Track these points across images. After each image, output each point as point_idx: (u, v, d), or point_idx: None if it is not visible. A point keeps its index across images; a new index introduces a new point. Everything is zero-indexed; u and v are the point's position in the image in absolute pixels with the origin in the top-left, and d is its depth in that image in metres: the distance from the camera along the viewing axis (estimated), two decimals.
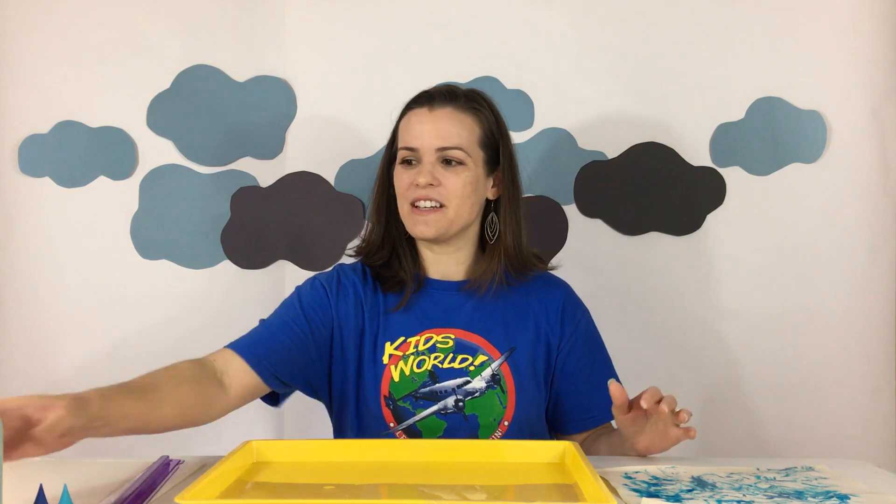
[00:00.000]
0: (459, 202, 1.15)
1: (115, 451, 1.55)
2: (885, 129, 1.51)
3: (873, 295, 1.52)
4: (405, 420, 1.14)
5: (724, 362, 1.54)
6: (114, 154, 1.56)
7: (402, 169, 1.18)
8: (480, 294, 1.20)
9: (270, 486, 0.92)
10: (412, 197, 1.15)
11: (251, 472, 0.95)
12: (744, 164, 1.53)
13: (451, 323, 1.18)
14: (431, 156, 1.15)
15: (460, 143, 1.15)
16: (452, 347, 1.17)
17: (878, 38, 1.50)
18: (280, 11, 1.55)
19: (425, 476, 0.94)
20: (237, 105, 1.56)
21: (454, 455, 0.99)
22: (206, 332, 1.55)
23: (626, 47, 1.53)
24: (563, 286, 1.26)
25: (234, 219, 1.57)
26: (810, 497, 0.86)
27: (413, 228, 1.16)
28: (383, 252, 1.21)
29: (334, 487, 0.89)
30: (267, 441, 1.01)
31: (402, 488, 0.91)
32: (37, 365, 1.56)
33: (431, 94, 1.18)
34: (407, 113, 1.19)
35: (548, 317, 1.21)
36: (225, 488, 0.87)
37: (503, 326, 1.19)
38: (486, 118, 1.19)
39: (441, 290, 1.21)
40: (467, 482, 0.92)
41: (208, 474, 0.85)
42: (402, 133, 1.18)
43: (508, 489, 0.91)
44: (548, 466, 0.97)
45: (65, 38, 1.55)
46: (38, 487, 0.75)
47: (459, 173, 1.15)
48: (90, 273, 1.56)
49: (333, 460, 0.99)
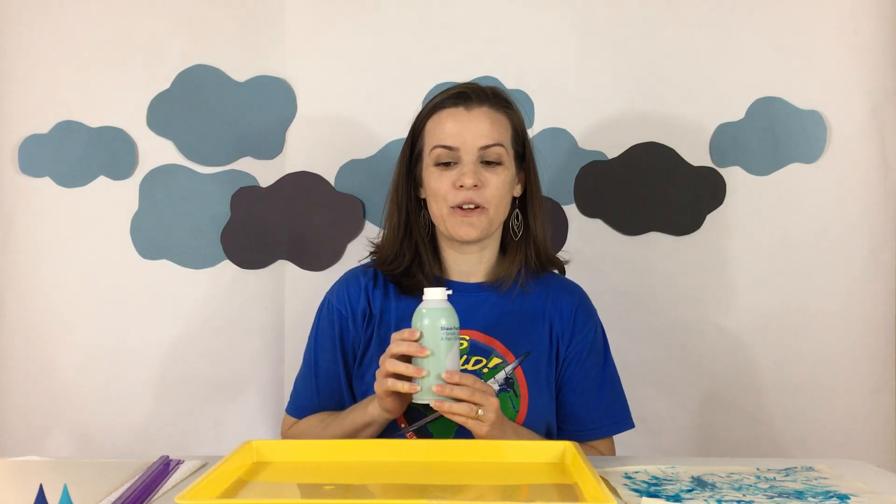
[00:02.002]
0: (499, 203, 1.15)
1: (115, 451, 1.56)
2: (885, 129, 1.51)
3: (873, 295, 1.52)
4: (417, 421, 1.13)
5: (724, 362, 1.54)
6: (114, 154, 1.56)
7: (439, 170, 1.15)
8: (502, 291, 1.19)
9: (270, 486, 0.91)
10: (458, 200, 1.13)
11: (252, 471, 0.95)
12: (744, 164, 1.53)
13: (467, 324, 1.16)
14: (472, 155, 1.14)
15: (500, 140, 1.15)
16: (467, 349, 1.16)
17: (878, 38, 1.50)
18: (280, 11, 1.55)
19: (425, 476, 0.94)
20: (237, 105, 1.56)
21: (454, 455, 0.99)
22: (206, 332, 1.56)
23: (626, 47, 1.53)
24: (578, 293, 1.25)
25: (234, 219, 1.57)
26: (810, 497, 0.86)
27: (457, 230, 1.15)
28: (404, 258, 1.20)
29: (334, 487, 0.89)
30: (267, 441, 1.01)
31: (401, 488, 0.91)
32: (37, 365, 1.56)
33: (466, 93, 1.16)
34: (437, 112, 1.17)
35: (561, 322, 1.20)
36: (225, 488, 0.87)
37: (519, 330, 1.18)
38: (516, 116, 1.20)
39: (460, 292, 1.18)
40: (467, 482, 0.92)
41: (208, 474, 0.85)
42: (435, 132, 1.16)
43: (508, 489, 0.91)
44: (548, 466, 0.97)
45: (65, 38, 1.55)
46: (38, 487, 0.75)
47: (500, 174, 1.15)
48: (90, 273, 1.56)
49: (334, 460, 0.99)
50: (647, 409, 1.53)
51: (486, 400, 0.98)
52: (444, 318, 0.99)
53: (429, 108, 1.19)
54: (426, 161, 1.17)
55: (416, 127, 1.20)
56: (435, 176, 1.15)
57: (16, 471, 1.01)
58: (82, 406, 1.57)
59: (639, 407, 1.51)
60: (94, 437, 1.57)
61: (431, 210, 1.18)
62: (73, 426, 1.57)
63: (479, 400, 0.97)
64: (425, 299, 1.01)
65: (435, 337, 0.99)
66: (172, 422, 1.57)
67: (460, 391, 0.97)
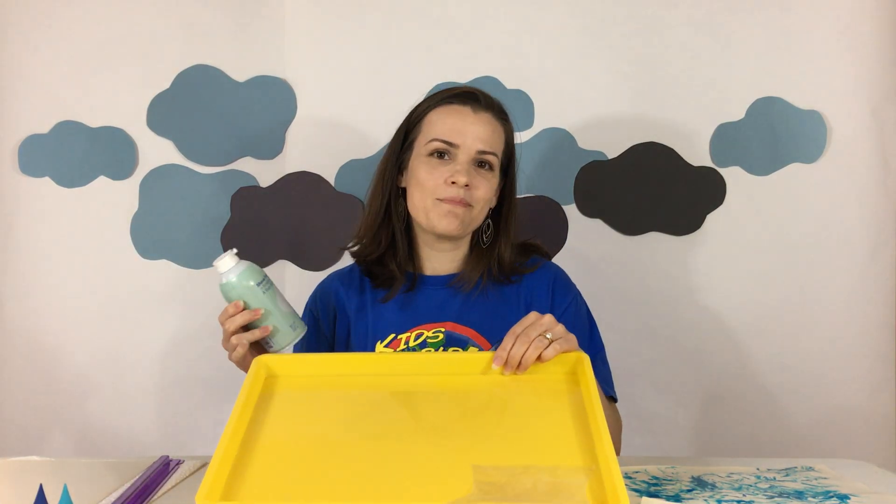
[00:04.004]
0: (483, 206, 1.17)
1: (116, 451, 1.56)
2: (885, 129, 1.51)
3: (873, 295, 1.52)
4: None
5: (724, 362, 1.54)
6: (114, 154, 1.56)
7: (434, 161, 1.16)
8: (466, 291, 1.20)
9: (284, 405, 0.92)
10: (448, 195, 1.14)
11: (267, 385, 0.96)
12: (744, 164, 1.53)
13: (442, 317, 1.18)
14: (468, 155, 1.14)
15: (495, 150, 1.17)
16: (443, 341, 1.17)
17: (878, 38, 1.50)
18: (280, 11, 1.55)
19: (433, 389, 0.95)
20: (237, 105, 1.56)
21: (468, 367, 0.97)
22: (206, 332, 1.56)
23: (626, 47, 1.53)
24: (553, 268, 1.25)
25: (234, 219, 1.57)
26: (810, 497, 0.86)
27: (439, 220, 1.15)
28: (379, 245, 1.20)
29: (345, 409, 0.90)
30: (276, 355, 1.02)
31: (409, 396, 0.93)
32: (37, 365, 1.57)
33: (476, 96, 1.18)
34: (443, 106, 1.18)
35: (539, 298, 1.21)
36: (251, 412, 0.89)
37: (494, 318, 1.19)
38: (510, 130, 1.22)
39: (432, 285, 1.21)
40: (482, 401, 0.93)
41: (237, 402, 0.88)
42: (437, 125, 1.16)
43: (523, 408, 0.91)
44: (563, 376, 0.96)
45: (65, 38, 1.55)
46: (38, 487, 0.75)
47: (490, 180, 1.16)
48: (90, 273, 1.56)
49: (342, 373, 0.99)
50: (647, 409, 1.53)
51: (540, 325, 0.96)
52: (251, 277, 1.02)
53: (435, 101, 1.19)
54: (418, 150, 1.18)
55: (416, 116, 1.20)
56: (426, 168, 1.15)
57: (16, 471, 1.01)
58: (82, 406, 1.57)
59: (639, 407, 1.52)
60: (94, 437, 1.57)
61: (412, 200, 1.18)
62: (73, 426, 1.57)
63: (536, 332, 0.95)
64: (224, 272, 1.02)
65: (257, 296, 1.01)
66: (172, 422, 1.57)
67: (518, 346, 0.94)
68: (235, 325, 1.01)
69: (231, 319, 1.01)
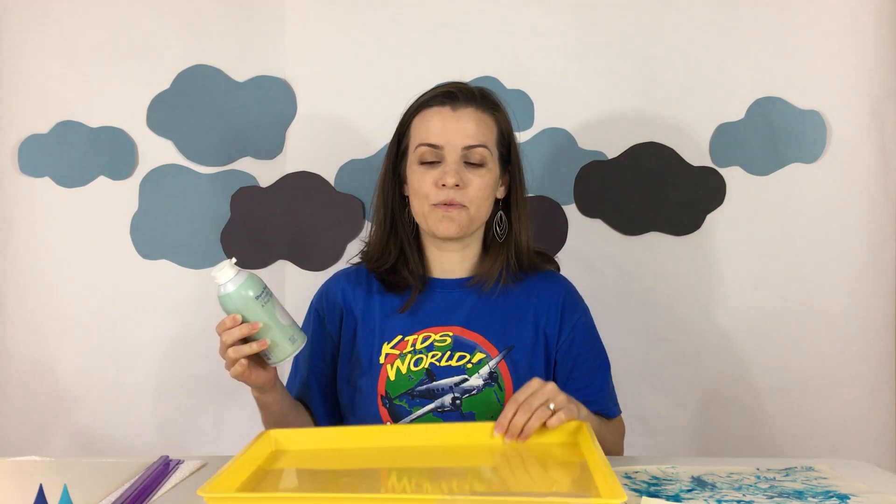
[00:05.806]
0: (480, 203, 1.16)
1: (115, 452, 1.56)
2: (885, 129, 1.51)
3: (873, 295, 1.52)
4: (402, 418, 1.14)
5: (724, 362, 1.54)
6: (114, 154, 1.56)
7: (423, 168, 1.15)
8: (485, 291, 1.19)
9: (290, 473, 0.93)
10: (440, 198, 1.13)
11: (270, 460, 0.96)
12: (744, 164, 1.53)
13: (450, 321, 1.18)
14: (456, 155, 1.14)
15: (485, 142, 1.15)
16: (450, 345, 1.17)
17: (878, 38, 1.50)
18: (280, 11, 1.55)
19: (441, 460, 0.95)
20: (237, 105, 1.56)
21: (472, 438, 0.99)
22: (206, 332, 1.54)
23: (626, 47, 1.53)
24: (564, 283, 1.26)
25: (234, 219, 1.57)
26: (810, 497, 0.86)
27: (437, 226, 1.15)
28: (390, 255, 1.20)
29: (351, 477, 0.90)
30: (285, 430, 1.02)
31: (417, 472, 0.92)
32: (37, 365, 1.57)
33: (453, 93, 1.16)
34: (424, 110, 1.17)
35: (548, 312, 1.21)
36: (245, 479, 0.88)
37: (502, 324, 1.19)
38: (502, 117, 1.20)
39: (443, 288, 1.21)
40: (480, 464, 0.94)
41: (229, 465, 0.86)
42: (420, 130, 1.16)
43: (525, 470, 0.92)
44: (560, 446, 0.98)
45: (65, 38, 1.55)
46: (38, 487, 0.75)
47: (483, 175, 1.15)
48: (90, 273, 1.56)
49: (350, 447, 0.99)
50: (647, 409, 1.53)
51: (543, 394, 0.98)
52: (251, 288, 0.99)
53: (415, 106, 1.19)
54: (410, 158, 1.18)
55: (403, 124, 1.20)
56: (418, 174, 1.16)
57: (16, 471, 1.01)
58: (82, 406, 1.57)
59: (639, 407, 1.52)
60: (94, 437, 1.57)
61: (413, 208, 1.18)
62: (73, 426, 1.57)
63: (539, 401, 0.97)
64: (222, 283, 0.99)
65: (256, 309, 0.99)
66: (172, 422, 1.57)
67: (521, 415, 0.97)
68: (233, 339, 1.00)
69: (228, 332, 1.00)
